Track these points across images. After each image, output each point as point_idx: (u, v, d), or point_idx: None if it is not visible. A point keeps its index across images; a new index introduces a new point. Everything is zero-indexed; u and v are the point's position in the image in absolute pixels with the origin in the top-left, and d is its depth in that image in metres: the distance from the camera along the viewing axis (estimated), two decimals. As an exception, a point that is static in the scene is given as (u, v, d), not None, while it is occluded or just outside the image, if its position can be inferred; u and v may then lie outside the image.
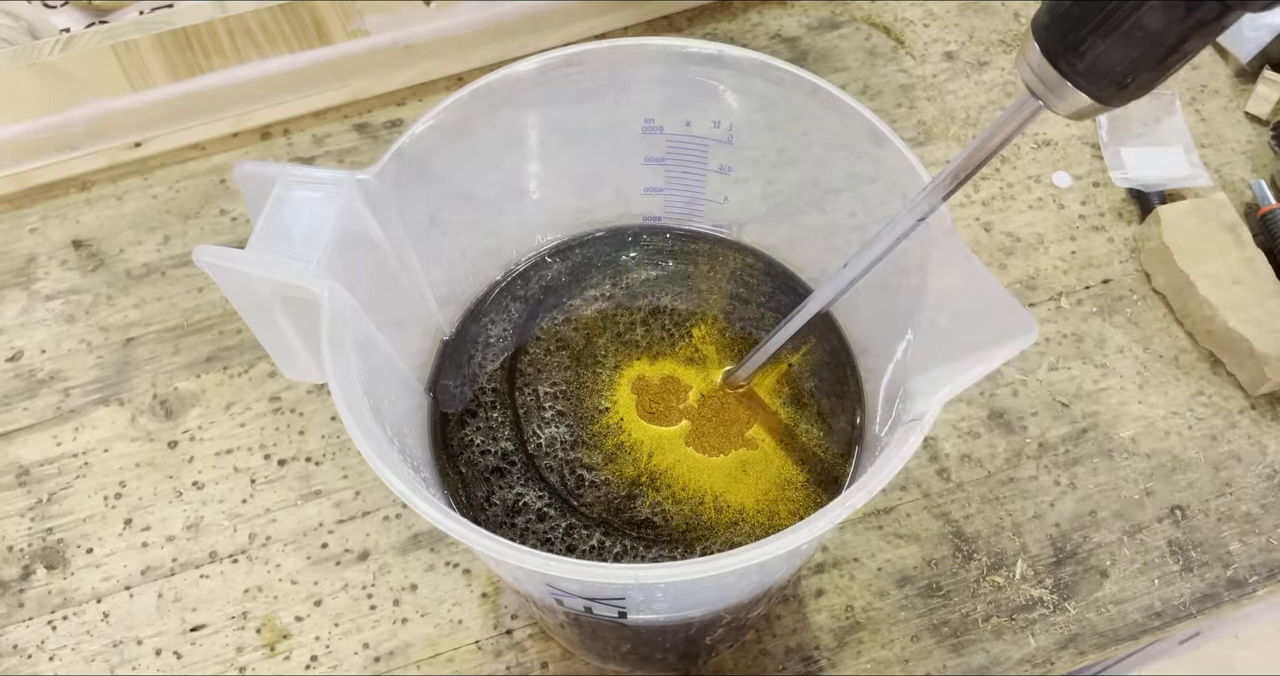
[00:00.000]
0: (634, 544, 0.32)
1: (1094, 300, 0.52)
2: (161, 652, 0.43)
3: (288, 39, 0.54)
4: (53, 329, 0.51)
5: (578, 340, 0.37)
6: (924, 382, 0.26)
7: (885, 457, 0.24)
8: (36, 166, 0.55)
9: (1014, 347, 0.24)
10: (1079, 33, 0.21)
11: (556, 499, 0.33)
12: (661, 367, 0.36)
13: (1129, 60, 0.20)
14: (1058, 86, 0.22)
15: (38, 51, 0.51)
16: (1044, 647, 0.43)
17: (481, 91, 0.31)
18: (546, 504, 0.33)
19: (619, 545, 0.32)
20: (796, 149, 0.34)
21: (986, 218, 0.54)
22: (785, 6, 0.62)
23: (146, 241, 0.54)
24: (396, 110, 0.58)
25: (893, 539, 0.45)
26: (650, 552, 0.32)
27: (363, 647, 0.43)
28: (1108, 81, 0.21)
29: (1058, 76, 0.22)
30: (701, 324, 0.37)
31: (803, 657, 0.42)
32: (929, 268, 0.28)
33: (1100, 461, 0.47)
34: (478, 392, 0.35)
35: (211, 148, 0.57)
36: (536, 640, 0.43)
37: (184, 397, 0.49)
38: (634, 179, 0.37)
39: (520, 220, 0.37)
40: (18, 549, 0.45)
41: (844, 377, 0.36)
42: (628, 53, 0.31)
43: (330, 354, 0.25)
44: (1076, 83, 0.21)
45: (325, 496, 0.46)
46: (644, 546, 0.32)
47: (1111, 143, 0.56)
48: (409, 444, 0.31)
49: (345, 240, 0.27)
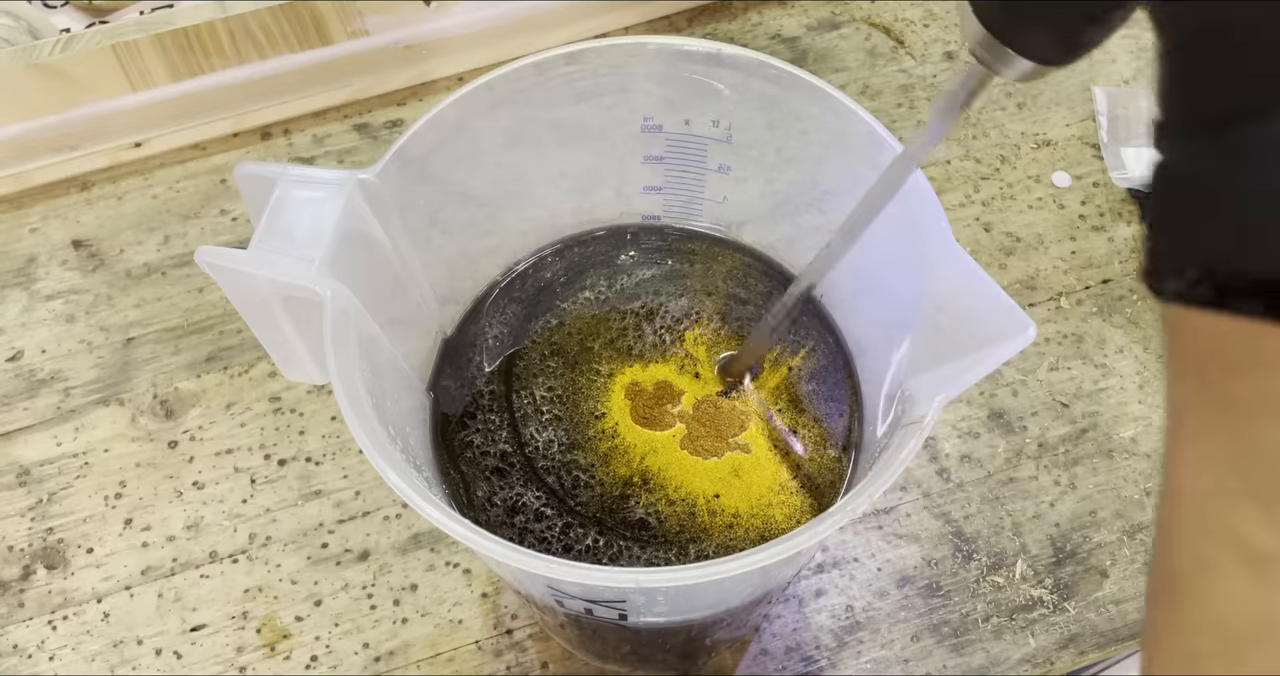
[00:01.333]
0: (628, 544, 0.32)
1: (1094, 300, 0.52)
2: (161, 652, 0.43)
3: (288, 39, 0.54)
4: (53, 329, 0.51)
5: (574, 342, 0.37)
6: (923, 384, 0.26)
7: (886, 461, 0.24)
8: (36, 166, 0.55)
9: (1012, 348, 0.24)
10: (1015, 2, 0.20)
11: (554, 499, 0.33)
12: (656, 372, 0.36)
13: (1061, 19, 0.20)
14: (1000, 53, 0.22)
15: (38, 51, 0.51)
16: (1044, 647, 0.43)
17: (481, 91, 0.31)
18: (544, 504, 0.33)
19: (614, 545, 0.32)
20: (795, 148, 0.34)
21: (986, 218, 0.54)
22: (785, 6, 0.62)
23: (146, 241, 0.54)
24: (396, 110, 0.58)
25: (893, 539, 0.45)
26: (645, 553, 0.32)
27: (363, 647, 0.43)
28: (1046, 42, 0.21)
29: (998, 44, 0.21)
30: (697, 326, 0.37)
31: (803, 657, 0.42)
32: (926, 269, 0.28)
33: (1100, 461, 0.47)
34: (476, 394, 0.35)
35: (211, 148, 0.57)
36: (536, 640, 0.43)
37: (184, 397, 0.49)
38: (633, 178, 0.37)
39: (520, 219, 0.37)
40: (18, 549, 0.45)
41: (843, 380, 0.36)
42: (627, 52, 0.31)
43: (333, 353, 0.25)
44: (1017, 48, 0.21)
45: (325, 496, 0.46)
46: (639, 547, 0.32)
47: (1111, 143, 0.56)
48: (411, 443, 0.31)
49: (346, 240, 0.27)
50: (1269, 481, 0.17)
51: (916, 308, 0.28)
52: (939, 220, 0.27)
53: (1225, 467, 0.18)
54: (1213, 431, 0.18)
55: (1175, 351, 0.19)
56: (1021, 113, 0.58)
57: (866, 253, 0.30)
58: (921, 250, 0.28)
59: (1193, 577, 0.20)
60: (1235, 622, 0.19)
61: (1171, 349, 0.19)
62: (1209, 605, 0.19)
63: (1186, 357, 0.18)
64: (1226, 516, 0.18)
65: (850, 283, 0.35)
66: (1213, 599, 0.19)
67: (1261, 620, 0.18)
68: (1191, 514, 0.20)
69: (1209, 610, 0.19)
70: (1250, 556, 0.18)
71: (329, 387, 0.28)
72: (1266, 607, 0.18)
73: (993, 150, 0.57)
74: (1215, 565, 0.19)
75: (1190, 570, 0.20)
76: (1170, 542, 0.21)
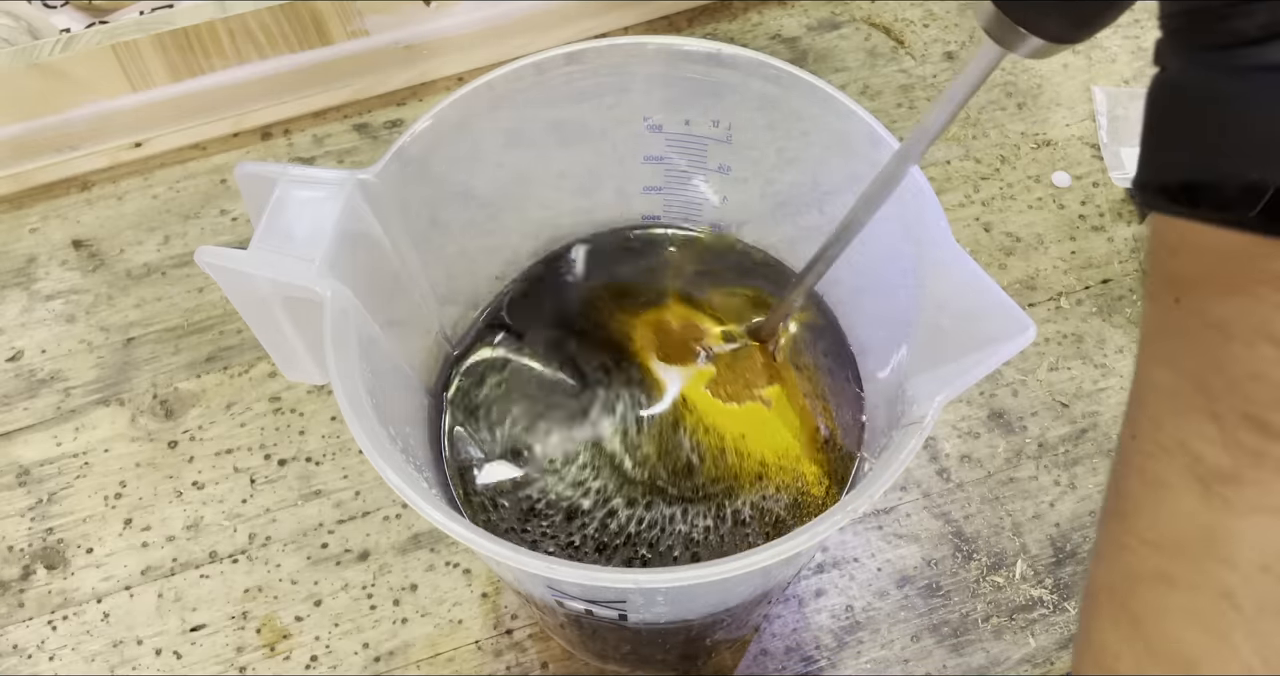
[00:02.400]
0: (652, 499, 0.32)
1: (1094, 300, 0.52)
2: (161, 652, 0.43)
3: (288, 39, 0.54)
4: (53, 329, 0.51)
5: (571, 344, 0.37)
6: (923, 384, 0.26)
7: (886, 461, 0.24)
8: (36, 166, 0.55)
9: (1012, 348, 0.24)
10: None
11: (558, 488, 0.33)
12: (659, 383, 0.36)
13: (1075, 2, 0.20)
14: (1011, 30, 0.21)
15: (38, 51, 0.51)
16: (1044, 647, 0.43)
17: (481, 91, 0.31)
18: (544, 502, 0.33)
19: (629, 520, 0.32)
20: (796, 149, 0.34)
21: (986, 218, 0.54)
22: (785, 6, 0.62)
23: (146, 241, 0.54)
24: (396, 110, 0.58)
25: (893, 539, 0.45)
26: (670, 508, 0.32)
27: (363, 647, 0.43)
28: (1058, 22, 0.21)
29: (1010, 22, 0.21)
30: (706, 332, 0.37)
31: (803, 657, 0.42)
32: (926, 270, 0.28)
33: (1100, 461, 0.47)
34: (476, 394, 0.35)
35: (211, 148, 0.57)
36: (536, 640, 0.43)
37: (184, 397, 0.49)
38: (633, 178, 0.37)
39: (520, 219, 0.37)
40: (18, 549, 0.45)
41: (843, 380, 0.36)
42: (627, 51, 0.31)
43: (333, 354, 0.25)
44: (1029, 26, 0.21)
45: (325, 496, 0.46)
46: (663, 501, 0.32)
47: (1111, 143, 0.56)
48: (411, 444, 0.31)
49: (347, 240, 0.27)
50: (1233, 403, 0.17)
51: (916, 307, 0.28)
52: (939, 220, 0.27)
53: (1192, 386, 0.18)
54: (1186, 351, 0.18)
55: (1158, 269, 0.19)
56: (1021, 113, 0.58)
57: (866, 252, 0.30)
58: (921, 250, 0.28)
59: (1142, 494, 0.20)
60: (1178, 539, 0.19)
61: (1154, 266, 0.19)
62: (1155, 521, 0.19)
63: (1170, 275, 0.18)
64: (1182, 433, 0.18)
65: (850, 282, 0.35)
66: (1159, 515, 0.19)
67: (1204, 538, 0.18)
68: (1148, 431, 0.20)
69: (1154, 527, 0.19)
70: (1200, 474, 0.18)
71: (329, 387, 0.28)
72: (1210, 525, 0.18)
73: (993, 150, 0.57)
74: (1166, 482, 0.19)
75: (1141, 487, 0.20)
76: (1125, 461, 0.21)
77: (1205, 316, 0.18)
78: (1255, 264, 0.16)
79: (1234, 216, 0.17)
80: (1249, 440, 0.17)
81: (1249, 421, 0.17)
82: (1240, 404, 0.17)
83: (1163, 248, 0.19)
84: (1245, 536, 0.17)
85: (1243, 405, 0.17)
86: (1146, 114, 0.18)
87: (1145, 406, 0.20)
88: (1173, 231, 0.18)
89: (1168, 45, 0.18)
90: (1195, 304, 0.18)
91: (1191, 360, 0.18)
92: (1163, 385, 0.19)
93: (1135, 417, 0.20)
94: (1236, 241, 0.17)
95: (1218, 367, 0.17)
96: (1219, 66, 0.16)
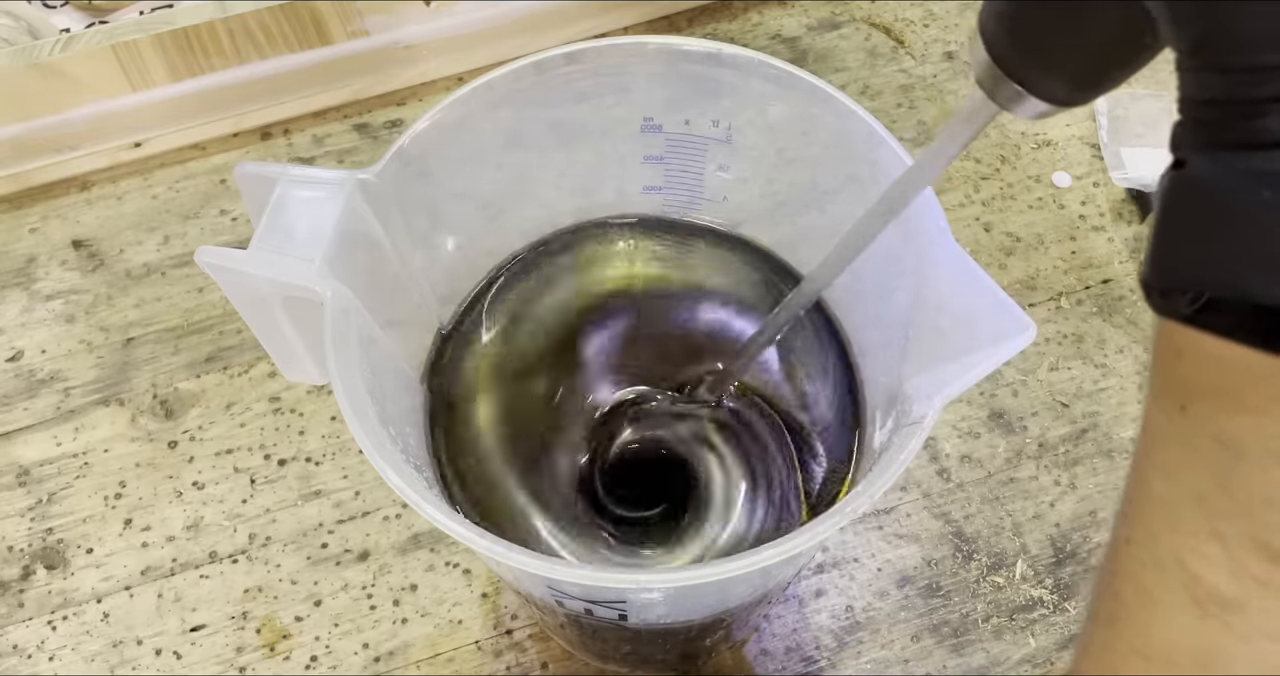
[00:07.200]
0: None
1: (1094, 300, 0.52)
2: (161, 652, 0.43)
3: (288, 39, 0.54)
4: (53, 329, 0.51)
5: (571, 344, 0.37)
6: (923, 384, 0.26)
7: (886, 461, 0.24)
8: (36, 166, 0.55)
9: (1012, 348, 0.24)
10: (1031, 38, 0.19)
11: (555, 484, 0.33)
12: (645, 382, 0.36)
13: (1086, 63, 0.19)
14: (1008, 88, 0.20)
15: (38, 51, 0.51)
16: (1044, 647, 0.43)
17: (481, 91, 0.31)
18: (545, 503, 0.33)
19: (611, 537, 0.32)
20: (796, 149, 0.34)
21: (986, 218, 0.54)
22: (785, 6, 0.62)
23: (146, 241, 0.54)
24: (396, 110, 0.58)
25: (893, 539, 0.45)
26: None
27: (363, 647, 0.43)
28: (1063, 85, 0.19)
29: (1013, 85, 0.20)
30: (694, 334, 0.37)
31: (803, 657, 0.42)
32: (925, 270, 0.28)
33: (1100, 461, 0.47)
34: (475, 394, 0.35)
35: (211, 148, 0.57)
36: (536, 640, 0.43)
37: (184, 397, 0.49)
38: (633, 177, 0.37)
39: (520, 219, 0.37)
40: (18, 549, 0.45)
41: (843, 380, 0.36)
42: (627, 51, 0.31)
43: (334, 353, 0.25)
44: (1034, 90, 0.20)
45: (325, 496, 0.46)
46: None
47: (1111, 143, 0.56)
48: (411, 444, 0.31)
49: (347, 240, 0.27)
50: (1243, 527, 0.17)
51: (916, 307, 0.28)
52: (939, 220, 0.27)
53: (1193, 503, 0.17)
54: (1191, 464, 0.17)
55: (1163, 370, 0.18)
56: (1021, 113, 0.58)
57: (866, 253, 0.30)
58: (922, 250, 0.28)
59: (1135, 604, 0.19)
60: (1170, 655, 0.18)
61: (1159, 366, 0.18)
62: (1147, 633, 0.19)
63: (1177, 380, 0.17)
64: (1180, 551, 0.18)
65: (850, 282, 0.35)
66: (1151, 630, 0.19)
67: (1199, 659, 0.18)
68: (1143, 540, 0.19)
69: (1145, 638, 0.19)
70: (1197, 595, 0.18)
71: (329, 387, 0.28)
72: (1207, 647, 0.18)
73: (993, 150, 0.57)
74: (1159, 598, 0.18)
75: (1134, 597, 0.19)
76: (1118, 564, 0.20)
77: (1215, 431, 0.17)
78: (1272, 381, 0.15)
79: (1245, 337, 0.15)
80: (1257, 567, 0.16)
81: (1261, 548, 0.16)
82: (1250, 529, 0.17)
83: (1169, 348, 0.17)
84: (1245, 660, 0.17)
85: (1253, 530, 0.16)
86: (1160, 209, 0.17)
87: (1142, 515, 0.19)
88: (1180, 333, 0.17)
89: (1188, 135, 0.16)
90: (1203, 415, 0.17)
91: (1197, 476, 0.17)
92: (1163, 497, 0.18)
93: (1131, 523, 0.20)
94: (1249, 354, 0.16)
95: (1226, 489, 0.17)
96: (1244, 172, 0.15)
